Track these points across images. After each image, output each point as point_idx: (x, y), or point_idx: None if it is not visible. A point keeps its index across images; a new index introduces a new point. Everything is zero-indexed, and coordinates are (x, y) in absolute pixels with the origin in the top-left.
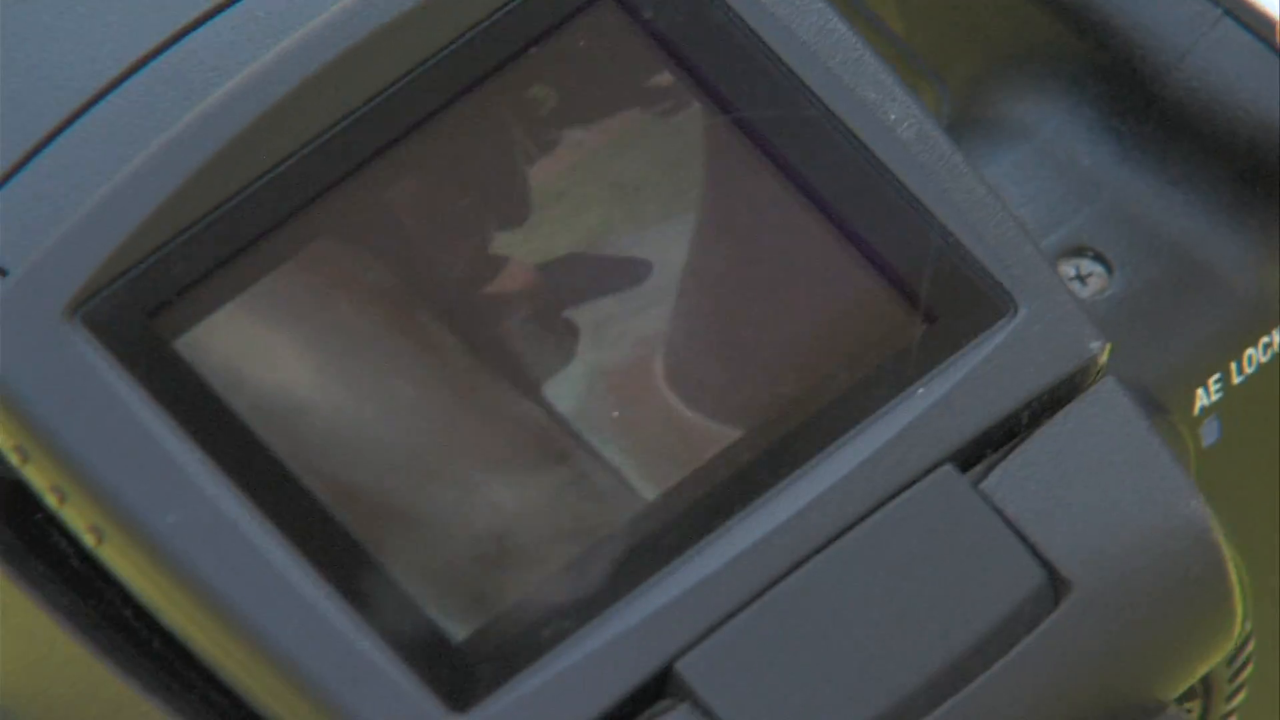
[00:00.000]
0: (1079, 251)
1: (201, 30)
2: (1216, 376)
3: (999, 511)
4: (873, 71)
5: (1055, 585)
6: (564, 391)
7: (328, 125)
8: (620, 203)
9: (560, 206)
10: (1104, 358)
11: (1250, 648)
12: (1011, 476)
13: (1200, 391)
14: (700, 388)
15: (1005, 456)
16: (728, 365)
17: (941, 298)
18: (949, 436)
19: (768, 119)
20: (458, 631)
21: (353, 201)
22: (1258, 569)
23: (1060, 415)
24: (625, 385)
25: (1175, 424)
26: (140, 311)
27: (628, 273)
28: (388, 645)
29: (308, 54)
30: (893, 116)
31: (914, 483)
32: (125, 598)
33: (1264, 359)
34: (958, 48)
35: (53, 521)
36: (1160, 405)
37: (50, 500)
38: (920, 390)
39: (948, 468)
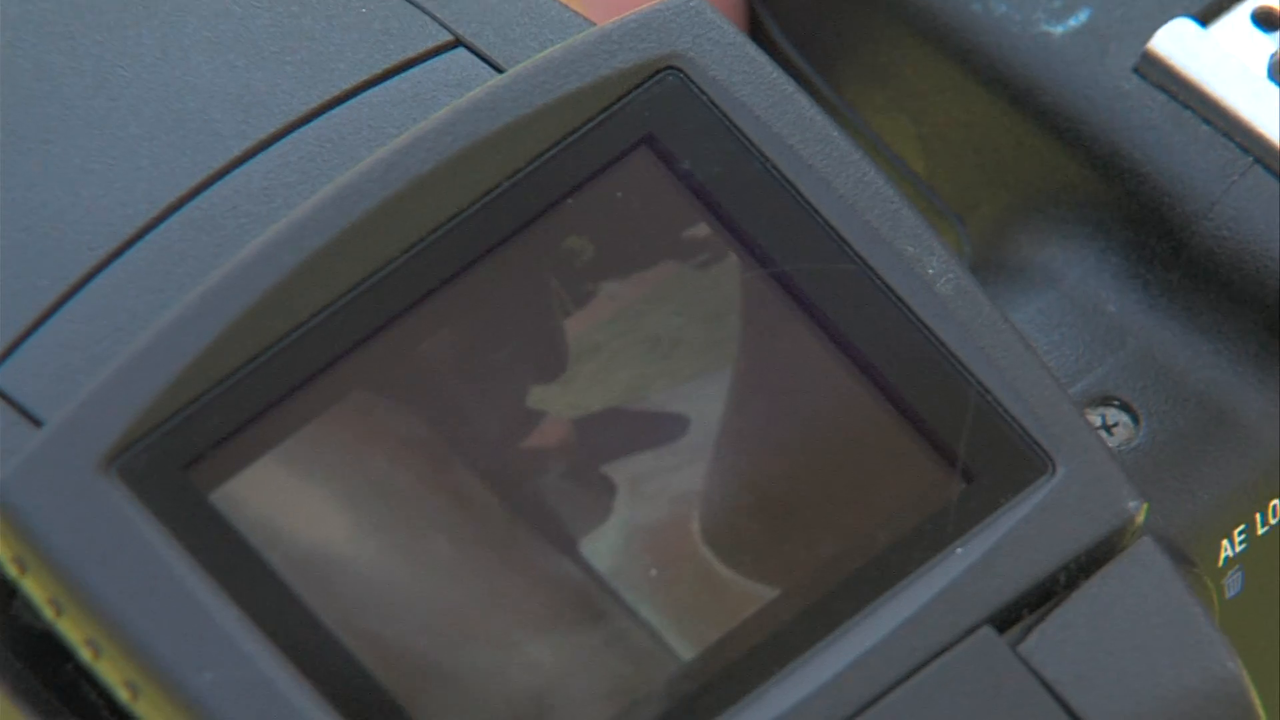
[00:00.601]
0: (1105, 401)
1: (235, 174)
2: (1242, 528)
3: (1038, 675)
4: (911, 225)
5: None
6: (601, 549)
7: (364, 276)
8: (656, 357)
9: (596, 360)
10: (1142, 517)
11: None
12: (1050, 639)
13: (1225, 543)
14: (738, 546)
15: (1043, 618)
16: (765, 524)
17: (979, 457)
18: (988, 598)
19: (805, 273)
20: None
21: (389, 354)
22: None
23: (1098, 576)
24: (662, 543)
25: (1200, 577)
26: (176, 464)
27: (664, 429)
28: None
29: (344, 204)
30: (930, 271)
31: (953, 645)
32: None
33: None
34: (981, 190)
35: (85, 674)
36: (1186, 556)
37: (85, 654)
38: (959, 550)
39: (986, 630)
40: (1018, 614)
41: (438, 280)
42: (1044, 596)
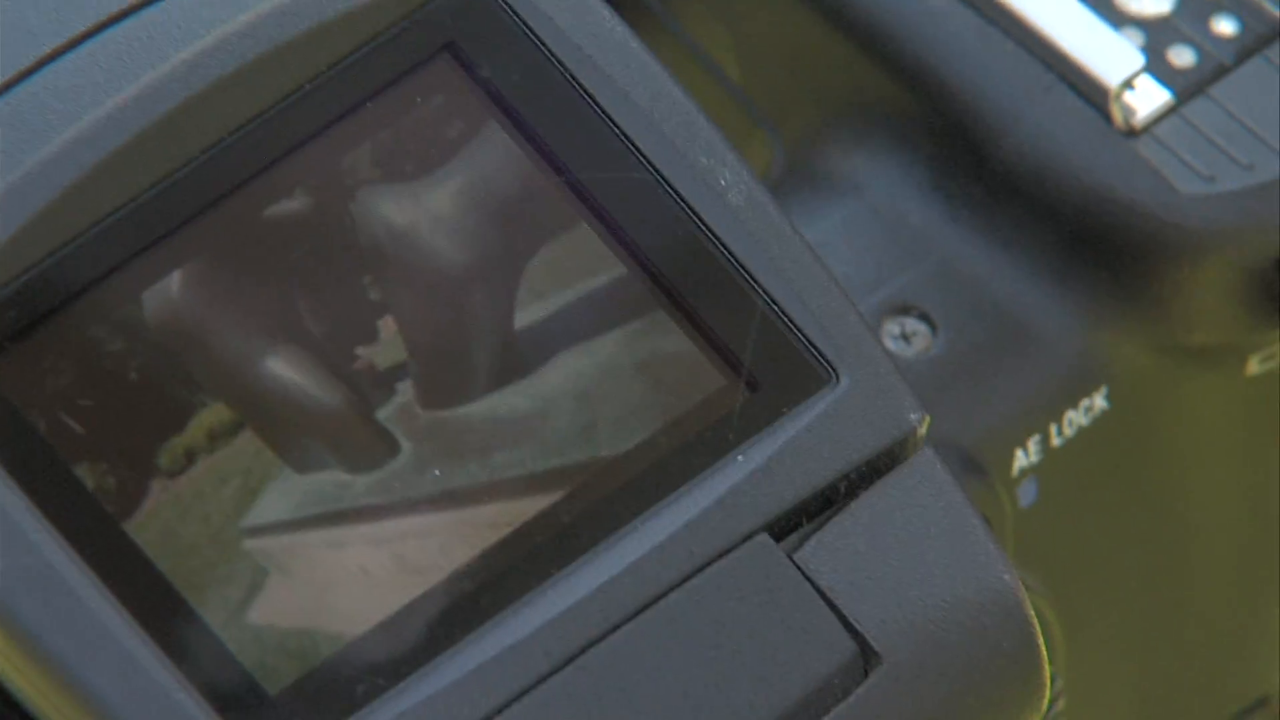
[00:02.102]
0: (904, 310)
1: (44, 72)
2: (1036, 438)
3: (812, 582)
4: (705, 137)
5: (866, 657)
6: (389, 449)
7: (163, 175)
8: (445, 261)
9: (386, 263)
10: (923, 430)
11: (1054, 712)
12: (826, 547)
13: (1019, 452)
14: (521, 448)
15: (821, 527)
16: (548, 427)
17: (764, 366)
18: (766, 505)
19: (598, 180)
20: (272, 685)
21: (180, 255)
22: (1071, 627)
23: (877, 487)
24: (446, 446)
25: (993, 484)
26: None
27: (449, 331)
28: (203, 696)
29: (145, 103)
30: (723, 182)
31: (729, 551)
32: None
33: (1084, 422)
34: (794, 100)
35: None
36: (979, 465)
37: None
38: (740, 458)
39: (763, 537)
40: (797, 522)
41: (236, 182)
42: (824, 506)
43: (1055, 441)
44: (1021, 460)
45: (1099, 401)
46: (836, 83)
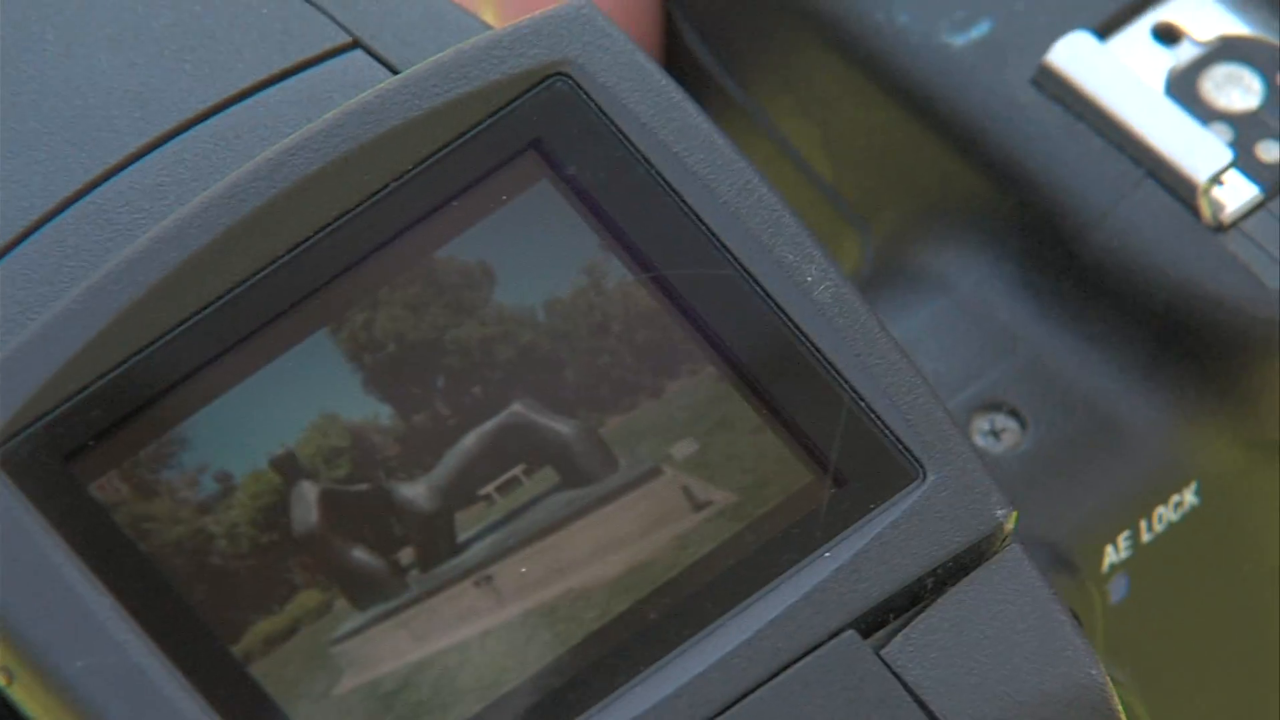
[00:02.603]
0: (994, 407)
1: (129, 170)
2: (1126, 534)
3: (900, 678)
4: (791, 232)
5: None
6: (479, 544)
7: (250, 274)
8: (537, 362)
9: (478, 363)
10: (1010, 525)
11: None
12: (914, 643)
13: (1110, 549)
14: (605, 544)
15: (908, 623)
16: (638, 525)
17: (851, 462)
18: (853, 602)
19: (684, 277)
20: None
21: (271, 349)
22: None
23: (964, 583)
24: (535, 542)
25: (1084, 581)
26: (57, 455)
27: (547, 435)
28: None
29: (231, 202)
30: (809, 279)
31: (817, 647)
32: None
33: (1174, 518)
34: (884, 196)
35: None
36: (1069, 562)
37: None
38: (827, 554)
39: (850, 634)
40: (884, 619)
41: (321, 280)
42: (911, 602)
43: (1145, 537)
44: (1112, 556)
45: (1189, 497)
46: (925, 179)
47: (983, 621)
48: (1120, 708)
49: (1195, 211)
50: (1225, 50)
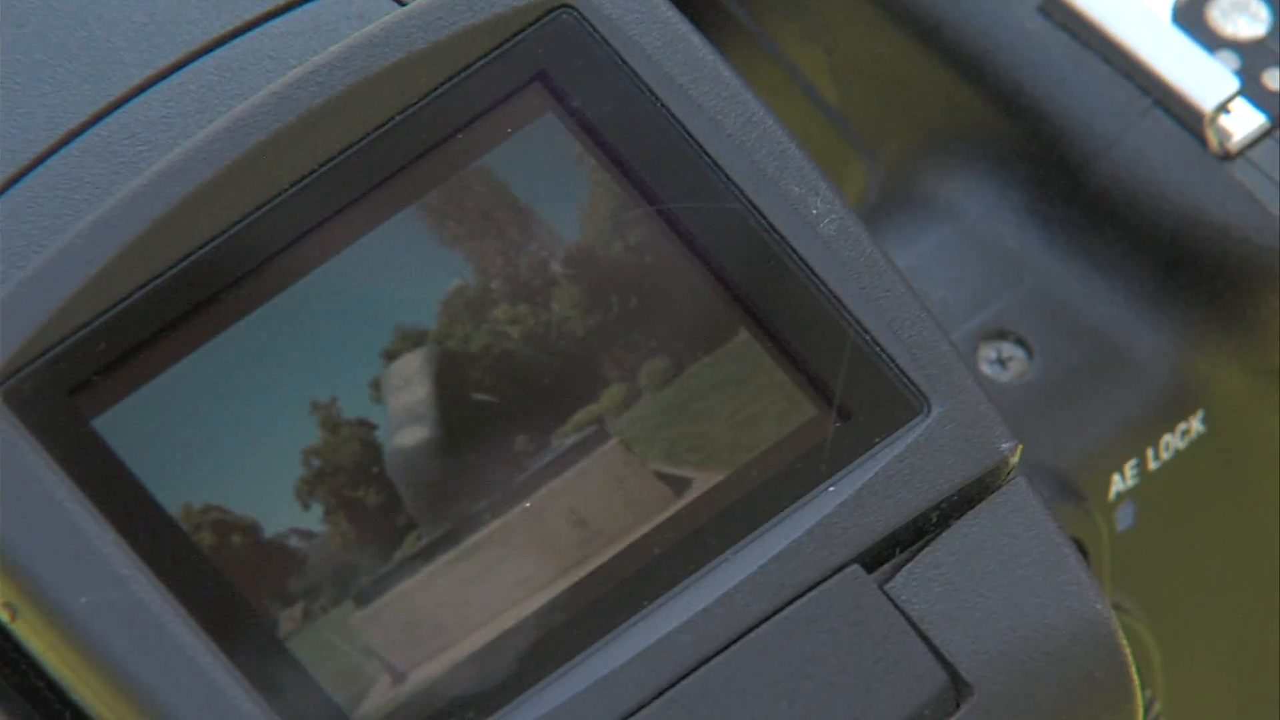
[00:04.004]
0: (1001, 335)
1: (135, 103)
2: (1133, 462)
3: (904, 613)
4: (797, 165)
5: (957, 688)
6: (477, 482)
7: (253, 208)
8: (541, 294)
9: (481, 294)
10: (1015, 459)
11: None
12: (918, 578)
13: (1116, 477)
14: (614, 479)
15: (913, 558)
16: (643, 458)
17: (856, 396)
18: (858, 536)
19: (689, 210)
20: (361, 718)
21: (276, 283)
22: (1170, 650)
23: (969, 516)
24: (535, 477)
25: (1090, 509)
26: (61, 390)
27: (545, 368)
28: None
29: (235, 135)
30: (815, 211)
31: (821, 582)
32: (39, 670)
33: (1181, 446)
34: (891, 123)
35: None
36: (1076, 490)
37: None
38: (831, 489)
39: (854, 568)
40: (889, 553)
41: (326, 214)
42: (915, 536)
43: (1152, 465)
44: (1118, 484)
45: (1196, 425)
46: (932, 106)
47: (987, 556)
48: (1124, 640)
49: (1202, 140)
50: None
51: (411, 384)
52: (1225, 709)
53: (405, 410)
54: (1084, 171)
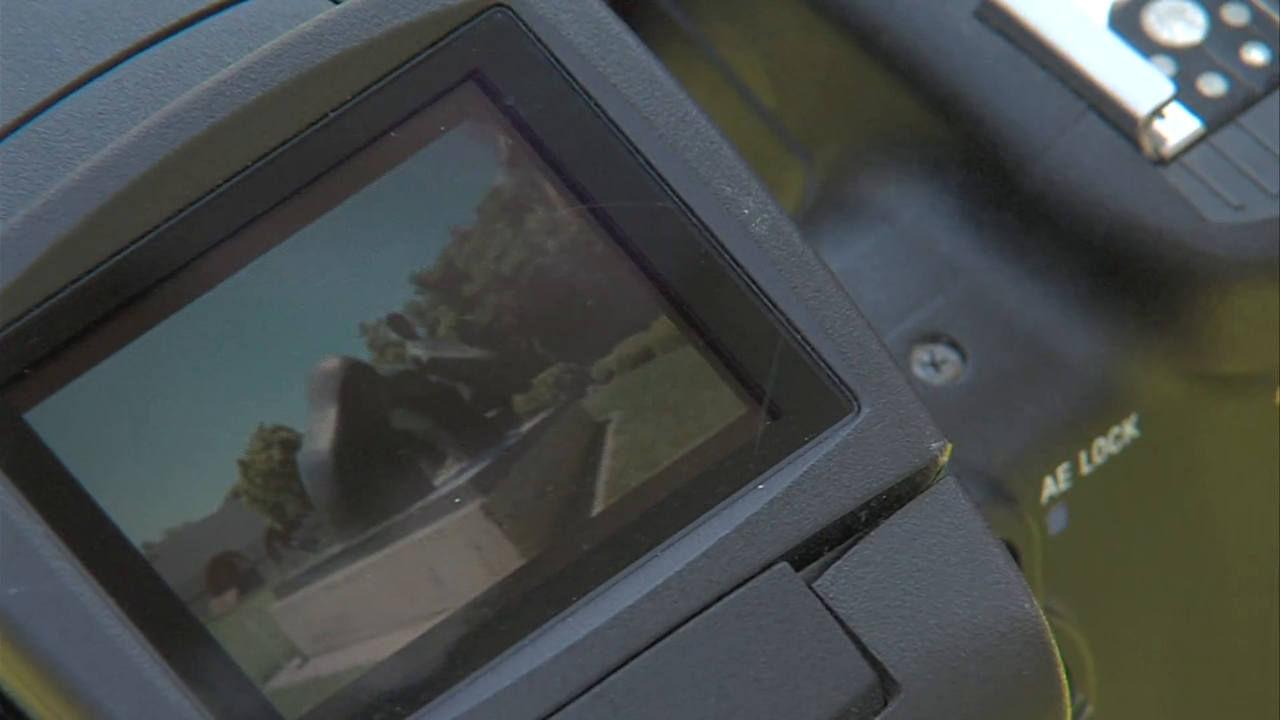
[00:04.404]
0: (934, 338)
1: (70, 99)
2: (1066, 465)
3: (832, 611)
4: (729, 165)
5: (885, 686)
6: (415, 480)
7: (186, 203)
8: (468, 297)
9: (410, 295)
10: (945, 458)
11: None
12: (846, 576)
13: (1049, 480)
14: (545, 477)
15: (841, 556)
16: (571, 455)
17: (786, 395)
18: (786, 534)
19: (621, 210)
20: (291, 712)
21: (204, 282)
22: (1102, 653)
23: (898, 515)
24: (475, 475)
25: (1022, 512)
26: None
27: (476, 368)
28: None
29: (168, 131)
30: (746, 211)
31: (750, 579)
32: None
33: (1114, 449)
34: (827, 126)
35: None
36: (1008, 493)
37: None
38: (761, 487)
39: (783, 565)
40: (817, 551)
41: (258, 210)
42: (844, 534)
43: (1085, 469)
44: (1051, 488)
45: (1129, 429)
46: (868, 109)
47: (916, 554)
48: (1054, 640)
49: (1137, 144)
50: None
51: (335, 382)
52: (1158, 712)
53: (328, 407)
54: (1018, 175)
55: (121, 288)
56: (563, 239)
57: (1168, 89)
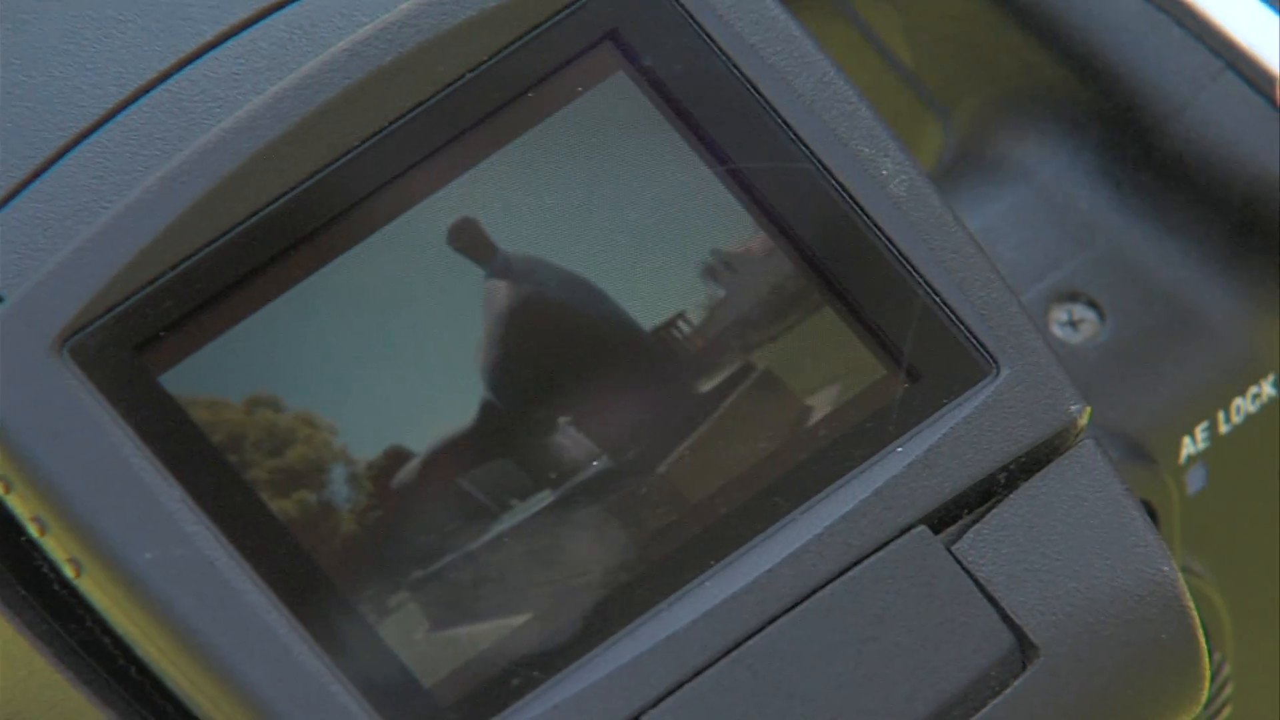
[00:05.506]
0: (1072, 297)
1: (205, 59)
2: (1204, 425)
3: (971, 574)
4: (867, 126)
5: (1024, 649)
6: (552, 444)
7: (322, 165)
8: (614, 254)
9: (552, 253)
10: (1084, 421)
11: (1223, 698)
12: (985, 539)
13: (1187, 440)
14: (684, 441)
15: (980, 519)
16: (715, 419)
17: (925, 357)
18: (925, 497)
19: (760, 171)
20: (427, 677)
21: (343, 242)
22: (1240, 613)
23: (1037, 478)
24: (605, 436)
25: (1160, 472)
26: (128, 345)
27: (620, 329)
28: (356, 687)
29: (304, 93)
30: (885, 172)
31: (888, 543)
32: (104, 626)
33: (1252, 409)
34: (964, 83)
35: (37, 545)
36: (1146, 453)
37: (32, 530)
38: (899, 449)
39: (922, 529)
40: (956, 514)
41: (395, 171)
42: (983, 497)
43: (1223, 429)
44: (1189, 447)
45: (1267, 389)
46: (1006, 67)
47: (1055, 517)
48: (1191, 602)
49: (1274, 103)
50: None
51: (494, 347)
52: None
53: (483, 373)
54: (1156, 134)
55: (257, 249)
56: (702, 200)
57: None
